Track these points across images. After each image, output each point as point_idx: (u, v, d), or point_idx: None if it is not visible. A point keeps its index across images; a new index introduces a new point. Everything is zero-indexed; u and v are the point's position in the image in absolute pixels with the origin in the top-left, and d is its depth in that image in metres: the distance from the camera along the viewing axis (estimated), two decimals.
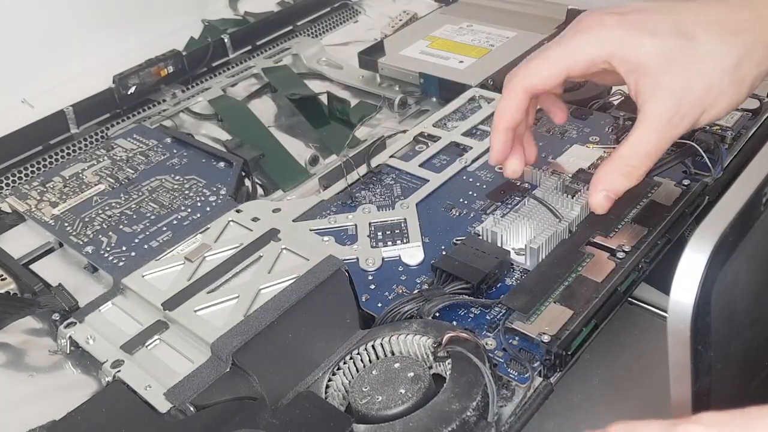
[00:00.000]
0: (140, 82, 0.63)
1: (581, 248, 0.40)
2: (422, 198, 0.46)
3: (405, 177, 0.49)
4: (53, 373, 0.40)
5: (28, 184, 0.53)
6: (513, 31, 0.66)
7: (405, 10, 0.75)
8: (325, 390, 0.34)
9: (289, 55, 0.71)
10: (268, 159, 0.55)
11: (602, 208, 0.38)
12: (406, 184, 0.48)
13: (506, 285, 0.39)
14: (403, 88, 0.62)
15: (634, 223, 0.41)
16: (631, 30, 0.36)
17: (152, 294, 0.40)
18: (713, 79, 0.35)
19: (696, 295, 0.26)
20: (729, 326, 0.30)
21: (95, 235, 0.47)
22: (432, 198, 0.46)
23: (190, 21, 0.75)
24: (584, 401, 0.39)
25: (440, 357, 0.34)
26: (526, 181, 0.46)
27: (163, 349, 0.38)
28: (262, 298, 0.38)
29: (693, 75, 0.35)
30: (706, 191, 0.43)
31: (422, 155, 0.50)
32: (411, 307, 0.37)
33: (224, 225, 0.45)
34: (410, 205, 0.45)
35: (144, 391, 0.35)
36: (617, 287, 0.37)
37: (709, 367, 0.28)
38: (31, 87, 0.64)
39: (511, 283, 0.39)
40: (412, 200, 0.46)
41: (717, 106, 0.36)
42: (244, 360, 0.34)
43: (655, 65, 0.35)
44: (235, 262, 0.41)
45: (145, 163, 0.54)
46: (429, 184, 0.47)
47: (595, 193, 0.37)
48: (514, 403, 0.33)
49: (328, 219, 0.45)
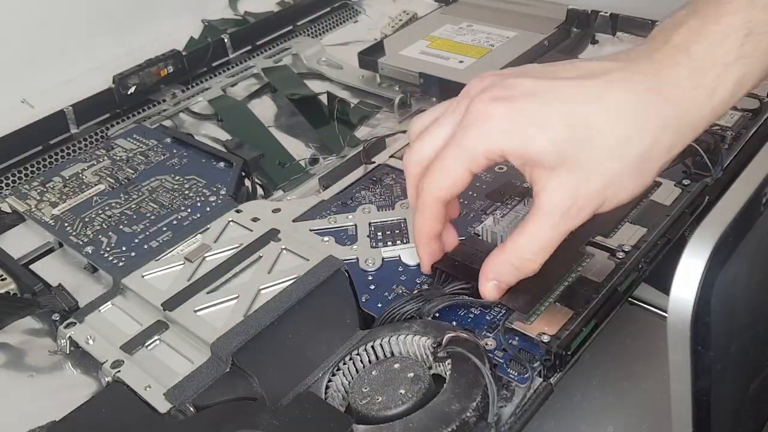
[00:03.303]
0: (140, 82, 0.63)
1: (581, 248, 0.40)
2: None
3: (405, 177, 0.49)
4: (53, 374, 0.40)
5: (27, 184, 0.53)
6: (513, 31, 0.66)
7: (405, 10, 0.75)
8: (325, 390, 0.34)
9: (289, 55, 0.71)
10: (268, 159, 0.55)
11: (492, 296, 0.36)
12: (405, 184, 0.48)
13: None
14: (403, 88, 0.62)
15: (634, 223, 0.41)
16: (519, 123, 0.33)
17: (152, 294, 0.40)
18: (614, 174, 0.32)
19: (696, 295, 0.26)
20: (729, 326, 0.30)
21: (95, 235, 0.47)
22: None
23: (190, 21, 0.75)
24: (584, 401, 0.39)
25: (440, 357, 0.34)
26: (526, 181, 0.46)
27: (163, 350, 0.38)
28: (262, 298, 0.38)
29: (591, 170, 0.32)
30: (706, 191, 0.43)
31: None
32: (411, 307, 0.37)
33: (224, 225, 0.45)
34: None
35: (144, 391, 0.35)
36: (617, 287, 0.37)
37: (709, 368, 0.28)
38: (30, 87, 0.64)
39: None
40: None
41: (618, 197, 0.33)
42: (244, 360, 0.34)
43: (547, 160, 0.32)
44: (235, 262, 0.41)
45: (145, 163, 0.54)
46: None
47: (484, 282, 0.36)
48: (514, 403, 0.33)
49: (328, 219, 0.45)
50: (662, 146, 0.33)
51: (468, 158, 0.34)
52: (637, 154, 0.32)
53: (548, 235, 0.34)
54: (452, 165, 0.35)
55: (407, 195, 0.39)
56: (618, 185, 0.33)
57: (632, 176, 0.33)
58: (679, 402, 0.28)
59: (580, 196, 0.33)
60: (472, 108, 0.34)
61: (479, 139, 0.34)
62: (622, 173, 0.32)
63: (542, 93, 0.33)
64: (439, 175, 0.35)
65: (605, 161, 0.32)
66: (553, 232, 0.34)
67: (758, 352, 0.34)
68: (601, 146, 0.32)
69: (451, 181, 0.35)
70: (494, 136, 0.33)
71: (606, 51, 0.64)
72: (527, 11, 0.69)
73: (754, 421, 0.36)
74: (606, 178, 0.32)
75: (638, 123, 0.32)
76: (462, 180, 0.35)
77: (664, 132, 0.32)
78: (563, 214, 0.33)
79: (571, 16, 0.66)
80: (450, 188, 0.35)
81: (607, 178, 0.32)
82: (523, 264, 0.35)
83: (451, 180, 0.35)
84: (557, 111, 0.32)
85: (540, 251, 0.34)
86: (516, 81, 0.34)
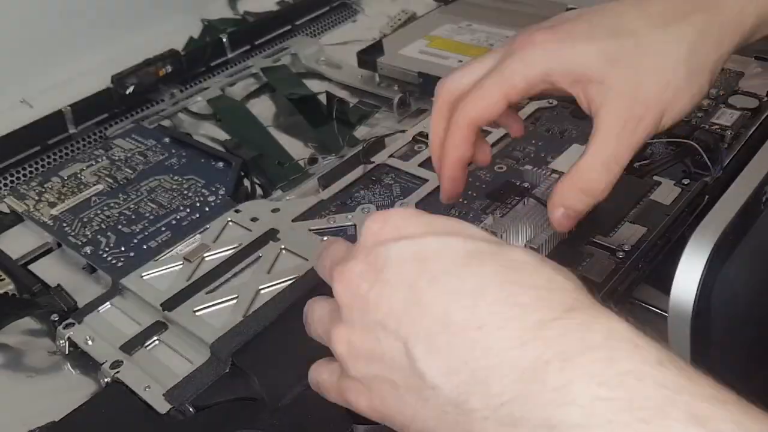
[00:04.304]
0: (138, 82, 0.63)
1: (581, 248, 0.40)
2: (422, 198, 0.46)
3: (404, 177, 0.49)
4: (52, 374, 0.40)
5: (26, 184, 0.53)
6: (512, 30, 0.66)
7: (404, 10, 0.75)
8: None
9: (288, 55, 0.71)
10: (267, 159, 0.55)
11: (563, 226, 0.35)
12: (405, 183, 0.48)
13: None
14: (403, 88, 0.62)
15: (634, 222, 0.41)
16: (564, 41, 0.33)
17: (151, 294, 0.40)
18: (666, 72, 0.32)
19: (696, 294, 0.26)
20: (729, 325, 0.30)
21: (94, 236, 0.47)
22: (431, 198, 0.46)
23: (189, 20, 0.75)
24: None
25: None
26: (526, 181, 0.46)
27: (162, 350, 0.38)
28: (262, 298, 0.38)
29: (642, 72, 0.32)
30: (705, 191, 0.43)
31: (421, 155, 0.50)
32: None
33: (223, 225, 0.45)
34: (410, 205, 0.45)
35: (143, 391, 0.35)
36: (617, 287, 0.37)
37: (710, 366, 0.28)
38: (29, 87, 0.63)
39: None
40: (411, 200, 0.46)
41: (678, 102, 0.33)
42: (243, 360, 0.34)
43: (597, 69, 0.32)
44: (234, 262, 0.41)
45: (143, 163, 0.54)
46: (428, 183, 0.47)
47: (553, 210, 0.35)
48: None
49: (327, 219, 0.45)
50: (709, 41, 0.33)
51: (506, 83, 0.34)
52: (685, 50, 0.32)
53: (610, 149, 0.33)
54: (490, 88, 0.35)
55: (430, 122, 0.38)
56: (674, 87, 0.32)
57: (686, 75, 0.32)
58: None
59: (637, 102, 0.32)
60: (517, 38, 0.35)
61: (520, 64, 0.34)
62: (675, 72, 0.32)
63: (585, 14, 0.34)
64: (474, 97, 0.35)
65: (655, 61, 0.32)
66: (615, 147, 0.33)
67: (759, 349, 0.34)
68: (647, 48, 0.32)
69: (485, 104, 0.35)
70: (537, 59, 0.33)
71: None
72: (526, 10, 0.69)
73: None
74: (660, 79, 0.32)
75: (680, 19, 0.32)
76: (497, 105, 0.35)
77: (708, 25, 0.33)
78: (623, 127, 0.32)
79: None
80: (484, 111, 0.35)
81: (661, 78, 0.32)
82: (589, 185, 0.33)
83: (485, 102, 0.35)
84: (600, 24, 0.33)
85: (604, 169, 0.33)
86: (560, 15, 0.35)
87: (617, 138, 0.32)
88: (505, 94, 0.34)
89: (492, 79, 0.35)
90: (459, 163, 0.37)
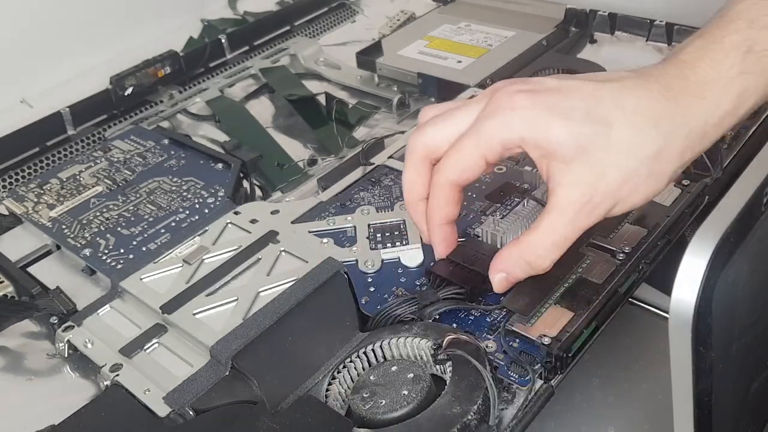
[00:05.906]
0: (137, 83, 0.63)
1: (581, 249, 0.39)
2: None
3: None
4: (51, 377, 0.40)
5: (25, 186, 0.53)
6: (511, 30, 0.66)
7: (403, 10, 0.74)
8: (326, 393, 0.34)
9: (287, 56, 0.71)
10: (266, 160, 0.55)
11: (500, 289, 0.36)
12: None
13: None
14: (402, 88, 0.62)
15: (634, 223, 0.41)
16: (542, 113, 0.33)
17: (150, 297, 0.40)
18: (629, 171, 0.33)
19: (697, 295, 0.26)
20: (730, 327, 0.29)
21: (93, 238, 0.47)
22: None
23: (189, 21, 0.75)
24: (584, 402, 0.39)
25: (440, 360, 0.33)
26: (526, 182, 0.46)
27: (161, 353, 0.38)
28: (261, 300, 0.38)
29: (607, 166, 0.33)
30: (705, 191, 0.43)
31: None
32: (403, 310, 0.37)
33: (222, 227, 0.45)
34: None
35: (143, 395, 0.35)
36: (618, 288, 0.37)
37: (711, 368, 0.28)
38: (28, 88, 0.63)
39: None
40: None
41: (631, 199, 0.34)
42: (243, 363, 0.34)
43: (566, 152, 0.33)
44: (234, 264, 0.41)
45: (142, 165, 0.53)
46: None
47: (494, 274, 0.36)
48: (515, 405, 0.33)
49: (326, 220, 0.45)
50: (674, 149, 0.33)
51: (485, 145, 0.34)
52: (651, 154, 0.33)
53: (562, 231, 0.34)
54: (468, 150, 0.35)
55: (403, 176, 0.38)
56: (632, 184, 0.33)
57: (646, 176, 0.33)
58: (681, 402, 0.28)
59: (597, 192, 0.33)
60: (496, 98, 0.35)
61: (499, 128, 0.34)
62: (637, 172, 0.33)
63: (566, 89, 0.34)
64: (454, 159, 0.36)
65: (621, 158, 0.33)
66: (568, 229, 0.34)
67: (760, 352, 0.34)
68: (618, 143, 0.33)
69: (464, 166, 0.35)
70: (515, 125, 0.34)
71: (605, 50, 0.64)
72: (526, 11, 0.69)
73: (755, 421, 0.36)
74: (621, 176, 0.33)
75: (651, 123, 0.33)
76: (477, 167, 0.35)
77: (675, 135, 0.33)
78: (579, 211, 0.33)
79: (570, 15, 0.66)
80: (462, 173, 0.36)
81: (623, 175, 0.33)
82: (536, 260, 0.35)
83: (464, 164, 0.35)
84: (579, 106, 0.33)
85: (553, 248, 0.34)
86: (541, 79, 0.36)
87: (571, 222, 0.34)
88: (483, 155, 0.35)
89: (470, 140, 0.35)
90: (447, 223, 0.38)
